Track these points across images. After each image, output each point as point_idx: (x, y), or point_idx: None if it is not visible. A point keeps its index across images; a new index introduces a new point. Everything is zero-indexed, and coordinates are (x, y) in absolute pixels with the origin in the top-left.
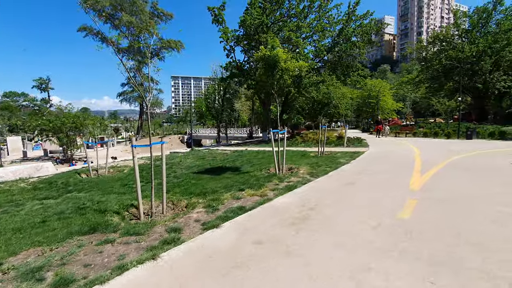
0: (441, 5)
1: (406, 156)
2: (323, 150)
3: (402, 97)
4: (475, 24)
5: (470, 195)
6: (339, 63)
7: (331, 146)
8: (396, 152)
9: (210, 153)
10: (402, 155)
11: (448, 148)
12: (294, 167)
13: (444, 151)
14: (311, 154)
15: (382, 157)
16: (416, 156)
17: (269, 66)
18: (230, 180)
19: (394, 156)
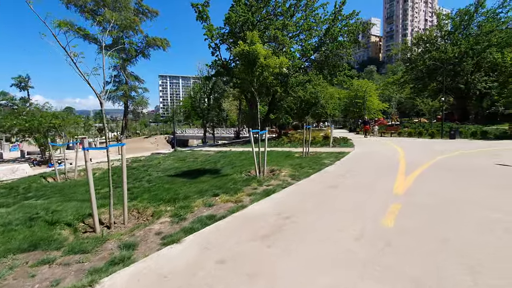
0: (424, 8)
1: (391, 157)
2: (308, 151)
3: (387, 98)
4: (457, 26)
5: (456, 199)
6: (325, 63)
7: (317, 146)
8: (380, 153)
9: (193, 154)
10: (387, 155)
11: (432, 148)
12: (276, 169)
13: (428, 151)
14: (296, 154)
15: (367, 157)
16: (401, 157)
17: (248, 62)
18: (207, 184)
19: (379, 156)
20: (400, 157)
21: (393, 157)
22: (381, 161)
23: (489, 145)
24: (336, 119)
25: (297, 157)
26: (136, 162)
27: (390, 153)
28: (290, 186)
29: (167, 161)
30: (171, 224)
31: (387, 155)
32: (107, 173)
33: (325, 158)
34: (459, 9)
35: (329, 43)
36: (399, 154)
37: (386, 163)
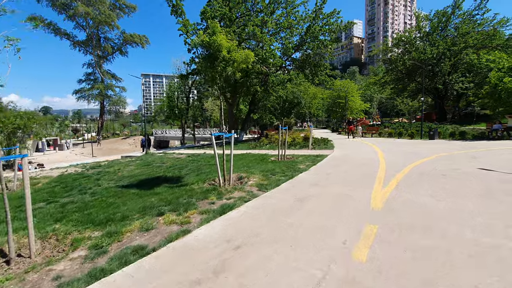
0: (404, 12)
1: (370, 160)
2: (284, 154)
3: (369, 98)
4: (435, 27)
5: (441, 216)
6: (307, 62)
7: (296, 148)
8: (359, 156)
9: (163, 157)
10: (366, 158)
11: (412, 149)
12: (245, 176)
13: (409, 153)
14: (271, 158)
15: (345, 161)
16: (381, 160)
17: (209, 56)
18: (158, 197)
19: (358, 160)
20: (380, 161)
21: (373, 161)
22: (360, 166)
23: (469, 146)
24: (320, 119)
25: (271, 162)
26: (94, 168)
27: (370, 156)
28: (254, 199)
29: (129, 166)
30: (84, 260)
31: (366, 158)
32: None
33: (301, 163)
34: (437, 11)
35: (310, 41)
36: (379, 157)
37: (364, 168)
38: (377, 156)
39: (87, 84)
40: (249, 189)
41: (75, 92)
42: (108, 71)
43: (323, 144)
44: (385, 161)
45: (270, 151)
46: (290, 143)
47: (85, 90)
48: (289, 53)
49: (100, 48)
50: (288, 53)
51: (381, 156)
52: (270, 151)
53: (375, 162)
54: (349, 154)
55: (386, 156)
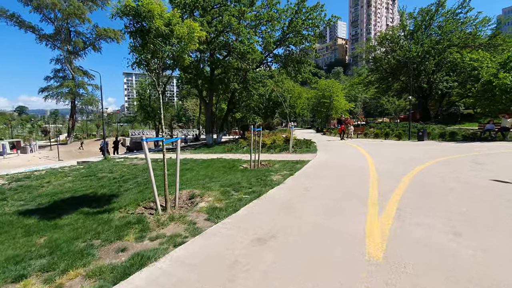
0: (386, 14)
1: (358, 168)
2: (258, 160)
3: (353, 98)
4: (419, 25)
5: (476, 276)
6: (289, 58)
7: (275, 151)
8: (346, 162)
9: (116, 165)
10: (353, 167)
11: (404, 153)
12: (199, 193)
13: (401, 158)
14: (243, 165)
15: (328, 170)
16: (371, 168)
17: (137, 29)
18: (50, 236)
19: (344, 168)
20: (370, 168)
21: (361, 169)
22: (347, 177)
23: (464, 148)
24: (305, 119)
25: (241, 170)
26: (20, 180)
27: (357, 162)
28: (191, 240)
29: (66, 177)
30: None
31: (353, 165)
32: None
33: (276, 172)
34: (421, 8)
35: (293, 36)
36: (369, 164)
37: (352, 181)
38: (366, 162)
39: (55, 81)
40: (194, 216)
41: (41, 90)
42: (80, 67)
43: (306, 147)
44: (376, 169)
45: (245, 156)
46: (269, 146)
47: (53, 88)
48: (270, 48)
49: (70, 42)
50: (269, 48)
51: (371, 163)
52: (245, 156)
53: (365, 170)
54: (334, 160)
55: (376, 162)
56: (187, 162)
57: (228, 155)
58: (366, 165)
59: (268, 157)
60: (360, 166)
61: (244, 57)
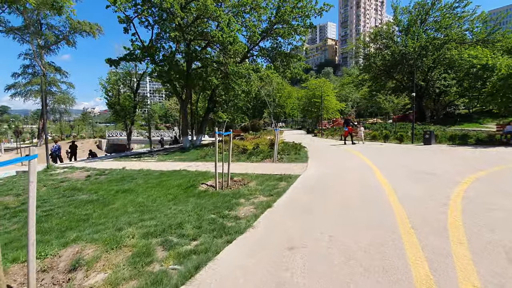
0: (375, 15)
1: (369, 194)
2: (228, 175)
3: (344, 98)
4: (414, 20)
5: None
6: (277, 51)
7: (258, 159)
8: (348, 179)
9: (42, 180)
10: (361, 188)
11: (421, 163)
12: (90, 258)
13: (421, 171)
14: (207, 183)
15: (326, 195)
16: (388, 194)
17: None
18: None
19: (347, 192)
20: (386, 193)
21: (374, 194)
22: (356, 211)
23: (494, 156)
24: (295, 119)
25: (199, 194)
26: None
27: (364, 179)
28: None
29: None
30: None
31: (360, 186)
32: None
33: (247, 197)
34: (417, 2)
35: (281, 27)
36: (380, 183)
37: (367, 221)
38: (376, 180)
39: (23, 78)
40: None
41: (8, 87)
42: (51, 63)
43: (294, 153)
44: (395, 194)
45: (219, 164)
46: (251, 152)
47: (21, 85)
48: (255, 38)
49: (41, 36)
50: (254, 39)
51: (383, 181)
52: (219, 164)
53: (379, 196)
54: (331, 175)
55: (389, 178)
56: (135, 178)
57: (199, 164)
58: (378, 185)
59: (246, 168)
60: (371, 188)
61: (225, 48)
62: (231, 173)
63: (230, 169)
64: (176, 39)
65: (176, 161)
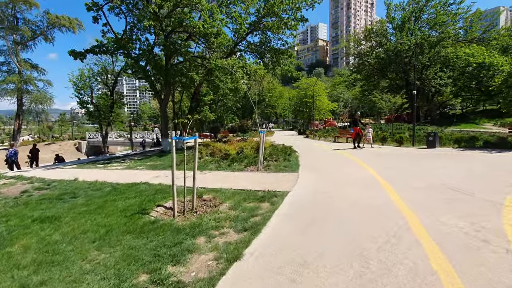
0: (365, 17)
1: (387, 225)
2: (193, 192)
3: (336, 98)
4: (408, 17)
5: None
6: (266, 47)
7: (240, 166)
8: (352, 201)
9: None
10: (374, 218)
11: (440, 173)
12: None
13: (445, 185)
14: (166, 204)
15: (326, 230)
16: (414, 228)
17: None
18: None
19: (355, 226)
20: (411, 226)
21: (393, 228)
22: (375, 266)
23: None
24: (287, 120)
25: (146, 225)
26: None
27: (375, 204)
28: None
29: None
30: None
31: (372, 216)
32: None
33: (210, 234)
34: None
35: (270, 21)
36: (399, 209)
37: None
38: (392, 203)
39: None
40: None
41: None
42: (28, 60)
43: (283, 159)
44: (427, 232)
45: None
46: (234, 157)
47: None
48: (242, 31)
49: (16, 31)
50: (241, 31)
51: (402, 206)
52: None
53: (406, 238)
54: (329, 195)
55: (412, 201)
56: (77, 196)
57: (170, 173)
58: (396, 212)
59: (224, 179)
60: (386, 216)
61: (208, 41)
62: (202, 189)
63: (203, 182)
64: (152, 29)
65: (146, 168)
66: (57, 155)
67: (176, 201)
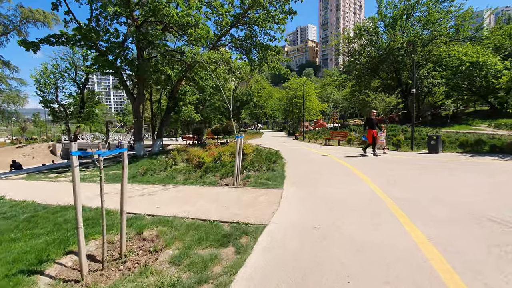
0: (354, 18)
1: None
2: (121, 235)
3: (326, 98)
4: (400, 15)
5: None
6: (251, 41)
7: (215, 178)
8: (359, 246)
9: None
10: (395, 285)
11: (463, 193)
12: None
13: (479, 214)
14: (74, 253)
15: None
16: None
17: None
18: None
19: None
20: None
21: None
22: None
23: None
24: (277, 120)
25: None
26: None
27: (387, 242)
28: None
29: None
30: None
31: (386, 268)
32: None
33: None
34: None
35: (256, 14)
36: (431, 266)
37: None
38: (418, 249)
39: None
40: None
41: None
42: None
43: (267, 167)
44: None
45: (156, 188)
46: (208, 166)
47: None
48: (224, 23)
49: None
50: (223, 23)
51: (435, 253)
52: (156, 188)
53: None
54: (324, 232)
55: (446, 247)
56: None
57: (130, 187)
58: (426, 270)
59: (185, 201)
60: (415, 281)
61: (185, 32)
62: (150, 217)
63: (159, 202)
64: (123, 19)
65: (109, 180)
66: (14, 161)
67: (106, 241)
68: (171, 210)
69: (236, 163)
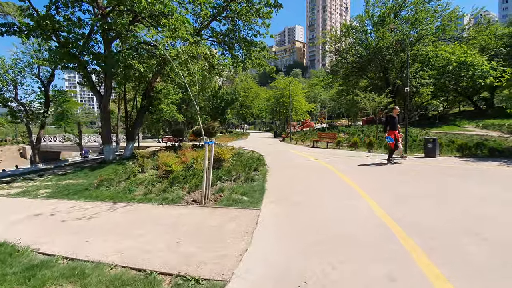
0: (340, 20)
1: None
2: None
3: (313, 99)
4: (388, 13)
5: None
6: (234, 35)
7: (181, 193)
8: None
9: None
10: None
11: (495, 218)
12: None
13: None
14: None
15: None
16: None
17: None
18: None
19: None
20: None
21: None
22: None
23: None
24: (264, 121)
25: None
26: None
27: None
28: None
29: None
30: None
31: None
32: None
33: None
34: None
35: (239, 6)
36: None
37: None
38: None
39: None
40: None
41: None
42: None
43: (246, 177)
44: None
45: (104, 205)
46: (176, 177)
47: None
48: (203, 14)
49: None
50: (202, 14)
51: None
52: (104, 205)
53: None
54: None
55: None
56: None
57: (68, 205)
58: None
59: (128, 230)
60: None
61: (158, 23)
62: (68, 262)
63: (91, 233)
64: (86, 7)
65: (49, 195)
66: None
67: None
68: (101, 249)
69: (205, 175)
